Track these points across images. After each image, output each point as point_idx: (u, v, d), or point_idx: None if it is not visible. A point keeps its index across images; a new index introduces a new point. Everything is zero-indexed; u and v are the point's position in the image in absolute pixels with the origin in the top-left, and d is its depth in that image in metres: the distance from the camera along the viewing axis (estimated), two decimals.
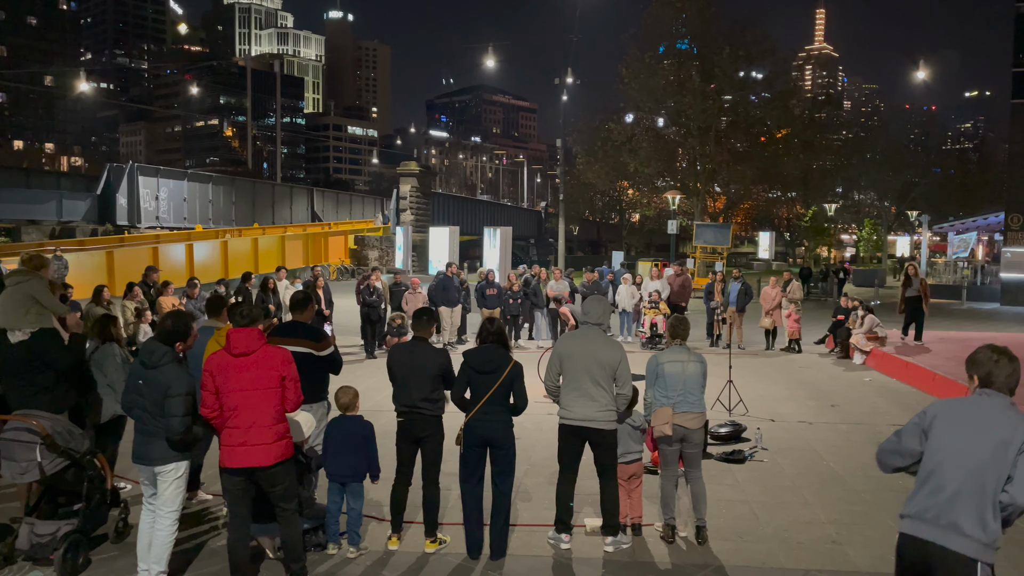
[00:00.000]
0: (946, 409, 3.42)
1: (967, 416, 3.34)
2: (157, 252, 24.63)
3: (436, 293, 15.67)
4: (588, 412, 5.46)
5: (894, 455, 3.49)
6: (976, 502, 3.18)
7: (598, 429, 5.48)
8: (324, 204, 48.66)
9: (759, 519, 6.30)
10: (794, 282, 16.48)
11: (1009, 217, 29.21)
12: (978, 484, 3.20)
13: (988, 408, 3.33)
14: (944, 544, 3.19)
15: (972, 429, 3.28)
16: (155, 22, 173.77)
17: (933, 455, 3.34)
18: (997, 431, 3.23)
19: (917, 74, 51.50)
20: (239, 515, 4.83)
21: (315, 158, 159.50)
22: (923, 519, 3.27)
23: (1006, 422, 3.25)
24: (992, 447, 3.21)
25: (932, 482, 3.30)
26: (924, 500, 3.29)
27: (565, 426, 5.59)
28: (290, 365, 4.74)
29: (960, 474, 3.23)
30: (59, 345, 5.97)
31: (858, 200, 70.25)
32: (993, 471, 3.19)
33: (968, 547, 3.16)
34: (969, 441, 3.26)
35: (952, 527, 3.19)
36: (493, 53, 45.34)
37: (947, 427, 3.34)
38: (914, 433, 3.43)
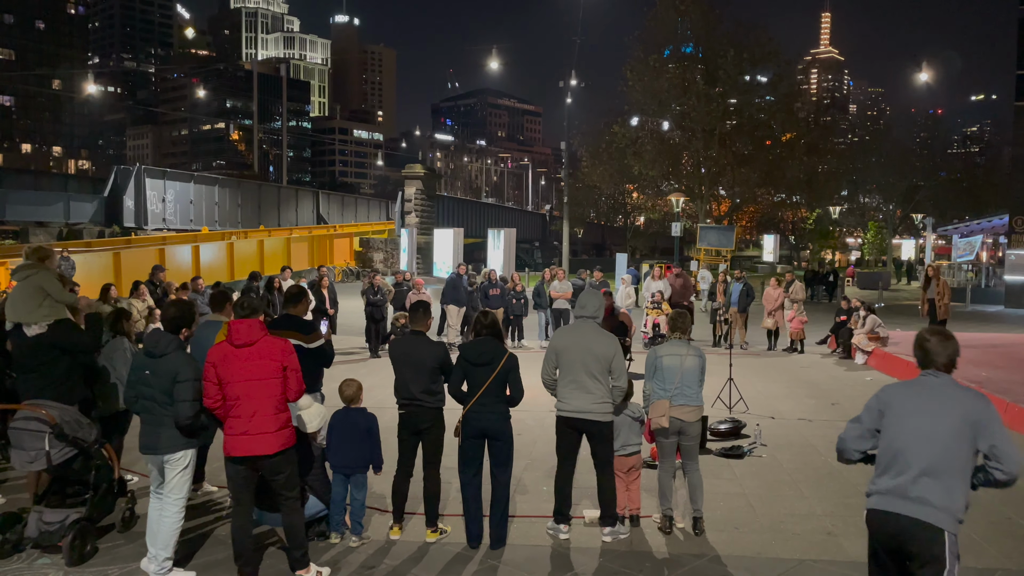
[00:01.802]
0: (900, 392, 3.64)
1: (923, 398, 3.54)
2: (164, 253, 24.81)
3: (446, 292, 15.83)
4: (584, 404, 5.55)
5: (860, 440, 3.67)
6: (944, 478, 3.38)
7: (594, 421, 5.57)
8: (329, 207, 48.83)
9: (755, 511, 6.38)
10: (796, 283, 16.56)
11: (1013, 220, 29.22)
12: (945, 461, 3.39)
13: (939, 388, 3.55)
14: (915, 516, 3.37)
15: (932, 410, 3.48)
16: (162, 26, 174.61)
17: (897, 438, 3.52)
18: (952, 410, 3.45)
19: (921, 76, 51.45)
20: (243, 503, 4.93)
21: (321, 161, 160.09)
22: (892, 494, 3.45)
23: (958, 401, 3.48)
24: (953, 425, 3.42)
25: (899, 463, 3.47)
26: (890, 479, 3.47)
27: (561, 418, 5.69)
28: (291, 355, 4.85)
29: (927, 453, 3.41)
30: (77, 331, 6.08)
31: (863, 203, 70.15)
32: (957, 447, 3.40)
33: (937, 517, 3.34)
34: (932, 422, 3.45)
35: (920, 500, 3.37)
36: (498, 56, 45.52)
37: (906, 411, 3.54)
38: (873, 416, 3.64)
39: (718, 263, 33.90)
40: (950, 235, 42.46)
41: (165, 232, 33.30)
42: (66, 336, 5.97)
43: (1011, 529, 6.08)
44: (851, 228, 73.58)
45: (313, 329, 6.19)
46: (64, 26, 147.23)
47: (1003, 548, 5.68)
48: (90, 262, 21.16)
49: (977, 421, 3.42)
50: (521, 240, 61.22)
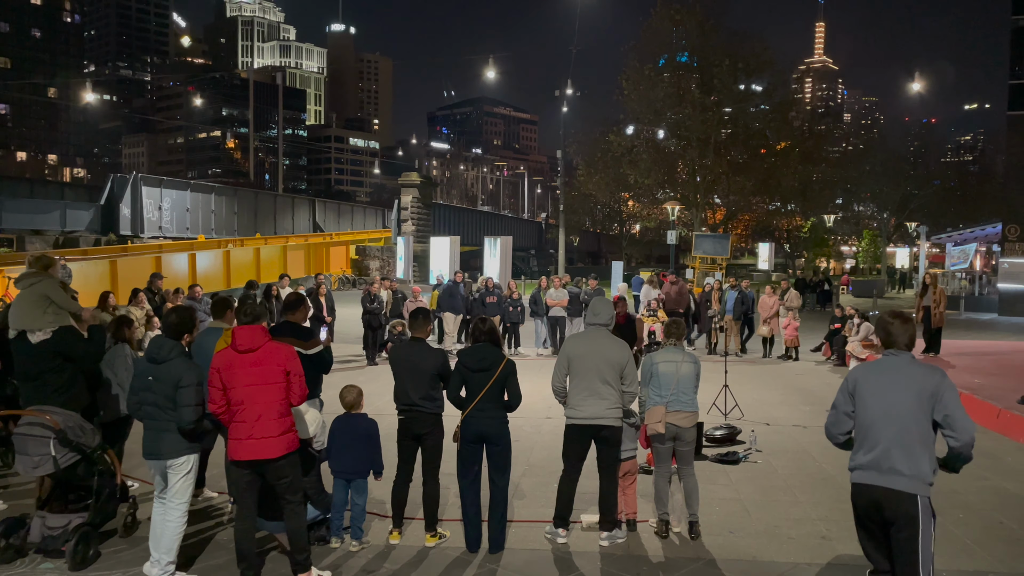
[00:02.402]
0: (865, 373, 4.06)
1: (886, 376, 3.94)
2: (160, 261, 24.83)
3: (442, 299, 15.89)
4: (597, 410, 5.63)
5: (837, 424, 4.10)
6: (908, 449, 3.80)
7: (607, 426, 5.66)
8: (326, 215, 48.91)
9: (751, 515, 6.46)
10: (791, 291, 16.68)
11: (1006, 228, 29.42)
12: (906, 434, 3.81)
13: (899, 365, 3.94)
14: (889, 486, 3.80)
15: (892, 389, 3.88)
16: (158, 34, 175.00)
17: (866, 415, 3.94)
18: (911, 386, 3.85)
19: (914, 86, 51.83)
20: (246, 507, 4.99)
21: (317, 169, 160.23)
22: (868, 468, 3.88)
23: (917, 376, 3.87)
24: (911, 400, 3.82)
25: (870, 439, 3.90)
26: (865, 455, 3.91)
27: (574, 426, 5.74)
28: (294, 360, 4.92)
29: (891, 428, 3.83)
30: (81, 339, 6.13)
31: (858, 212, 70.47)
32: (915, 420, 3.81)
33: (909, 485, 3.78)
34: (893, 400, 3.86)
35: (892, 471, 3.80)
36: (494, 65, 45.70)
37: (870, 389, 3.95)
38: (845, 399, 4.06)
39: (714, 271, 34.05)
40: (944, 243, 42.68)
41: (161, 240, 33.35)
42: (70, 345, 6.03)
43: (1002, 533, 6.17)
44: (846, 236, 73.89)
45: (311, 336, 6.26)
46: (60, 34, 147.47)
47: (994, 551, 5.76)
48: (86, 270, 21.17)
49: (934, 393, 3.79)
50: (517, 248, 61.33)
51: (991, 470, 7.95)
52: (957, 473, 4.00)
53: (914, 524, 3.74)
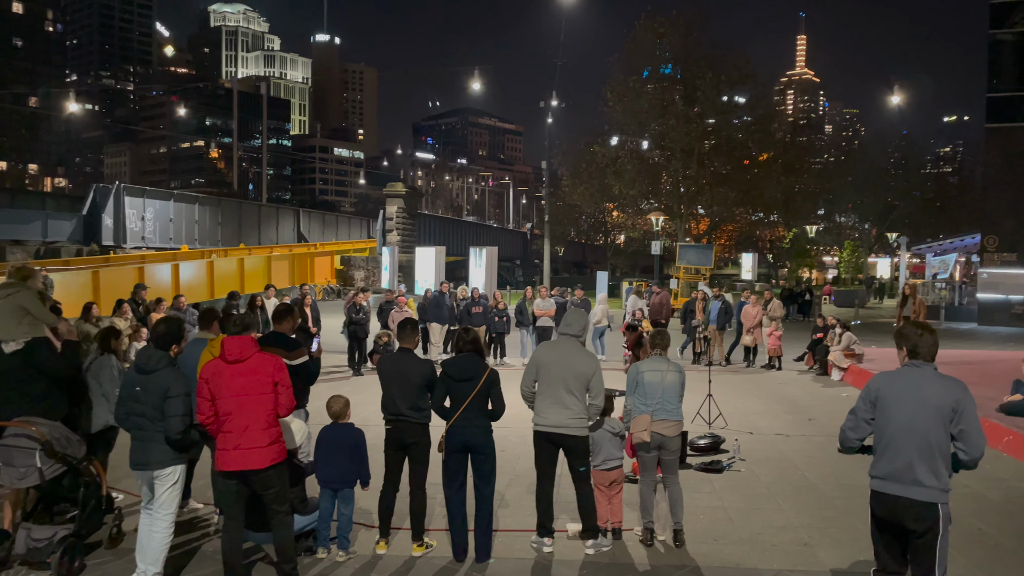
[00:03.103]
0: (888, 382, 4.07)
1: (907, 388, 3.98)
2: (143, 272, 24.68)
3: (428, 309, 15.91)
4: (561, 419, 5.69)
5: (856, 430, 4.17)
6: (929, 460, 3.89)
7: (570, 435, 5.71)
8: (310, 225, 48.79)
9: (734, 523, 6.53)
10: (774, 300, 16.84)
11: (985, 239, 29.82)
12: (927, 446, 3.90)
13: (921, 378, 4.01)
14: (911, 496, 3.91)
15: (914, 401, 3.95)
16: (141, 44, 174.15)
17: (887, 427, 4.02)
18: (934, 399, 3.92)
19: (893, 99, 52.53)
20: (233, 518, 5.00)
21: (301, 179, 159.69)
22: (891, 479, 3.98)
23: (939, 389, 3.95)
24: (933, 413, 3.90)
25: (891, 450, 4.00)
26: (887, 465, 4.00)
27: (539, 433, 5.82)
28: (282, 371, 4.95)
29: (914, 440, 3.92)
30: (54, 353, 6.12)
31: (840, 222, 71.12)
32: (936, 432, 3.90)
33: (930, 495, 3.90)
34: (914, 412, 3.94)
35: (914, 482, 3.91)
36: (479, 76, 45.86)
37: (892, 400, 4.01)
38: (866, 407, 4.13)
39: (697, 281, 34.25)
40: (924, 254, 43.18)
41: (144, 250, 33.14)
42: (40, 357, 6.02)
43: (981, 539, 6.27)
44: (828, 247, 74.55)
45: (297, 346, 6.28)
46: (42, 44, 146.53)
47: (973, 558, 5.86)
48: (68, 281, 21.02)
49: (955, 407, 3.89)
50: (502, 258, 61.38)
51: (971, 477, 8.04)
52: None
53: (934, 531, 3.89)
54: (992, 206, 30.18)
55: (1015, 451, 8.91)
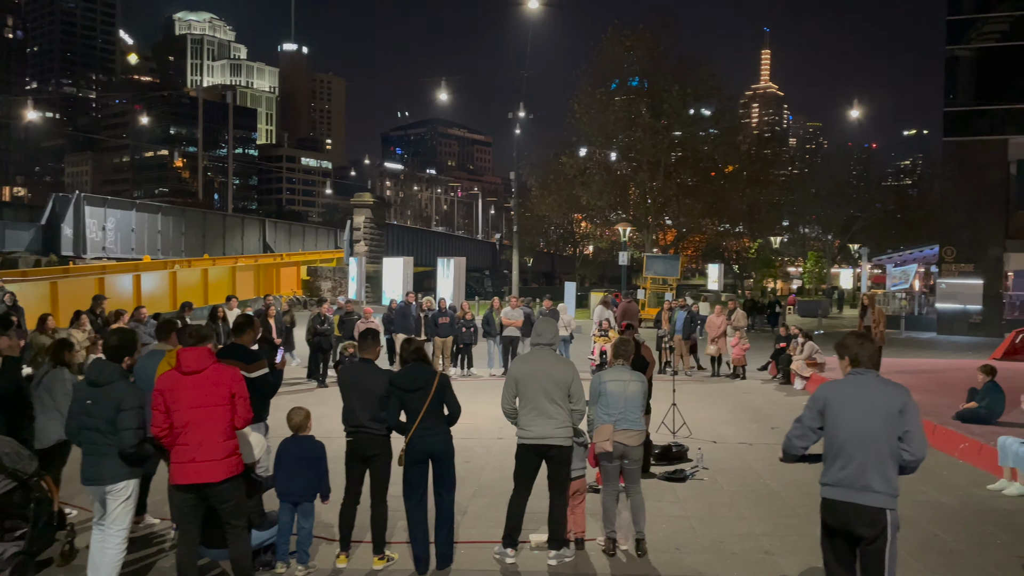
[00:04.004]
0: (835, 391, 4.14)
1: (854, 396, 4.06)
2: (103, 283, 24.24)
3: (395, 320, 15.82)
4: (546, 430, 5.68)
5: (801, 438, 4.23)
6: (879, 465, 3.96)
7: (556, 445, 5.71)
8: (276, 235, 48.31)
9: (696, 532, 6.56)
10: (738, 310, 17.01)
11: (943, 249, 30.50)
12: (877, 451, 3.97)
13: (868, 384, 4.09)
14: (861, 502, 3.96)
15: (863, 407, 4.02)
16: (104, 51, 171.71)
17: (838, 434, 4.06)
18: (882, 404, 4.01)
19: (852, 113, 53.65)
20: (188, 532, 4.90)
21: (268, 189, 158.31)
22: (840, 486, 4.02)
23: (885, 394, 4.04)
24: (881, 418, 3.98)
25: (842, 457, 4.03)
26: (838, 472, 4.04)
27: (525, 445, 5.79)
28: (239, 383, 4.87)
29: (862, 447, 3.98)
30: None
31: (803, 233, 72.24)
32: (886, 438, 3.98)
33: (880, 500, 3.95)
34: (863, 418, 4.01)
35: (865, 487, 3.96)
36: (446, 87, 45.98)
37: (841, 408, 4.07)
38: (813, 416, 4.18)
39: (664, 291, 34.52)
40: (885, 264, 44.00)
41: (105, 261, 32.51)
42: None
43: (937, 545, 6.37)
44: (792, 258, 75.68)
45: (257, 359, 6.20)
46: (2, 51, 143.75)
47: (929, 564, 5.95)
48: (26, 292, 20.53)
49: (900, 411, 3.97)
50: (472, 269, 61.25)
51: (927, 484, 8.20)
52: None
53: (883, 537, 3.94)
54: (949, 218, 30.91)
55: (971, 458, 9.08)
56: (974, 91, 30.93)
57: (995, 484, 8.01)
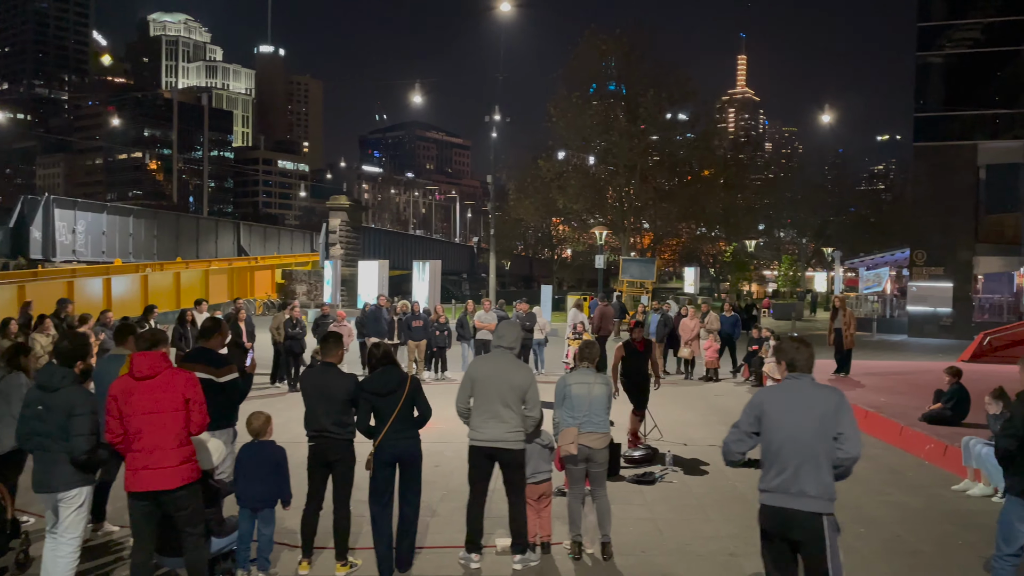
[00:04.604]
0: (770, 397, 4.15)
1: (790, 401, 4.07)
2: (73, 286, 23.86)
3: (367, 324, 15.69)
4: (498, 433, 5.64)
5: (739, 443, 4.21)
6: (814, 470, 3.94)
7: (507, 449, 5.66)
8: (251, 238, 47.91)
9: (663, 535, 6.55)
10: (711, 313, 17.10)
11: (914, 253, 30.89)
12: (812, 455, 3.95)
13: (802, 388, 4.10)
14: (797, 507, 3.94)
15: (797, 412, 4.01)
16: (77, 52, 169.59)
17: (774, 438, 4.05)
18: (814, 407, 4.00)
19: (824, 118, 54.23)
20: (142, 540, 4.80)
21: (244, 192, 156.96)
22: (777, 491, 4.00)
23: (818, 397, 4.05)
24: (815, 422, 3.97)
25: (778, 462, 4.02)
26: (775, 477, 4.02)
27: (475, 447, 5.75)
28: (195, 387, 4.77)
29: (797, 451, 3.96)
30: None
31: (779, 237, 72.96)
32: (820, 441, 3.96)
33: (815, 505, 3.92)
34: (798, 423, 3.99)
35: (800, 493, 3.93)
36: (425, 90, 45.91)
37: (777, 413, 4.07)
38: (749, 421, 4.17)
39: (640, 294, 34.63)
40: (858, 267, 44.47)
41: (75, 264, 32.06)
42: None
43: (901, 546, 6.41)
44: (767, 261, 76.37)
45: (225, 363, 6.10)
46: None
47: (894, 565, 5.98)
48: None
49: (834, 412, 3.97)
50: (449, 272, 61.11)
51: (893, 485, 8.26)
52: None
53: (821, 541, 3.90)
54: (920, 222, 31.29)
55: (936, 459, 9.16)
56: (944, 97, 31.40)
57: (959, 485, 8.08)
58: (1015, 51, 30.16)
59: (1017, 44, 30.05)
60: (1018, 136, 29.78)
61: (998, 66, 30.76)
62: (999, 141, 30.20)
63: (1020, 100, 30.56)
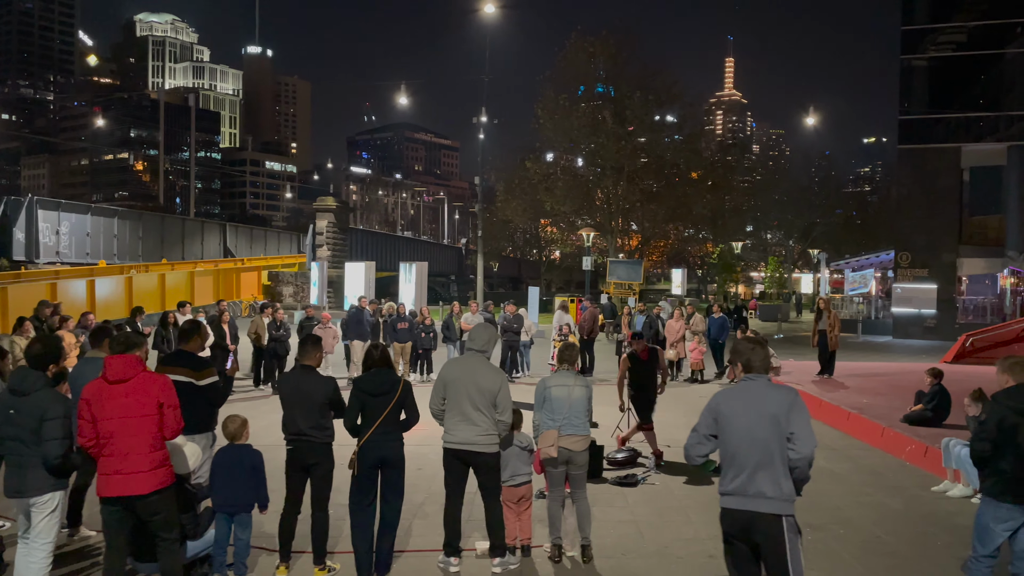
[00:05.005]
0: (727, 399, 4.13)
1: (745, 401, 4.06)
2: (56, 288, 23.64)
3: (349, 326, 15.63)
4: (469, 436, 5.62)
5: (698, 446, 4.18)
6: (770, 471, 3.92)
7: (479, 452, 5.65)
8: (238, 240, 47.69)
9: (644, 537, 6.55)
10: (696, 315, 17.14)
11: (899, 255, 31.08)
12: (768, 456, 3.94)
13: (756, 390, 4.08)
14: (755, 509, 3.93)
15: (751, 413, 4.00)
16: (62, 52, 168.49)
17: (730, 441, 4.05)
18: (769, 408, 3.98)
19: (808, 120, 54.54)
20: (115, 546, 4.75)
21: (231, 193, 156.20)
22: (736, 494, 3.99)
23: (772, 398, 4.02)
24: (769, 424, 3.95)
25: (735, 464, 4.01)
26: (732, 480, 4.02)
27: (448, 450, 5.74)
28: (169, 391, 4.73)
29: (753, 453, 3.95)
30: None
31: (766, 239, 73.26)
32: (775, 442, 3.94)
33: (773, 507, 3.90)
34: (753, 424, 3.98)
35: (758, 494, 3.92)
36: (412, 91, 45.82)
37: (732, 415, 4.06)
38: (708, 422, 4.16)
39: (628, 296, 34.68)
40: (844, 269, 44.70)
41: (59, 266, 31.81)
42: None
43: (879, 547, 6.43)
44: (754, 263, 76.67)
45: (205, 366, 6.07)
46: None
47: (870, 566, 6.00)
48: None
49: (786, 412, 3.94)
50: (438, 273, 60.98)
51: (874, 486, 8.30)
52: (799, 495, 4.06)
53: (781, 543, 3.87)
54: (905, 224, 31.50)
55: (917, 460, 9.20)
56: (928, 100, 31.61)
57: (939, 486, 8.12)
58: (998, 54, 30.44)
59: (1000, 47, 30.32)
60: (1001, 139, 30.05)
61: (981, 69, 31.04)
62: (982, 144, 30.45)
63: (1003, 103, 30.87)
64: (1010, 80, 30.86)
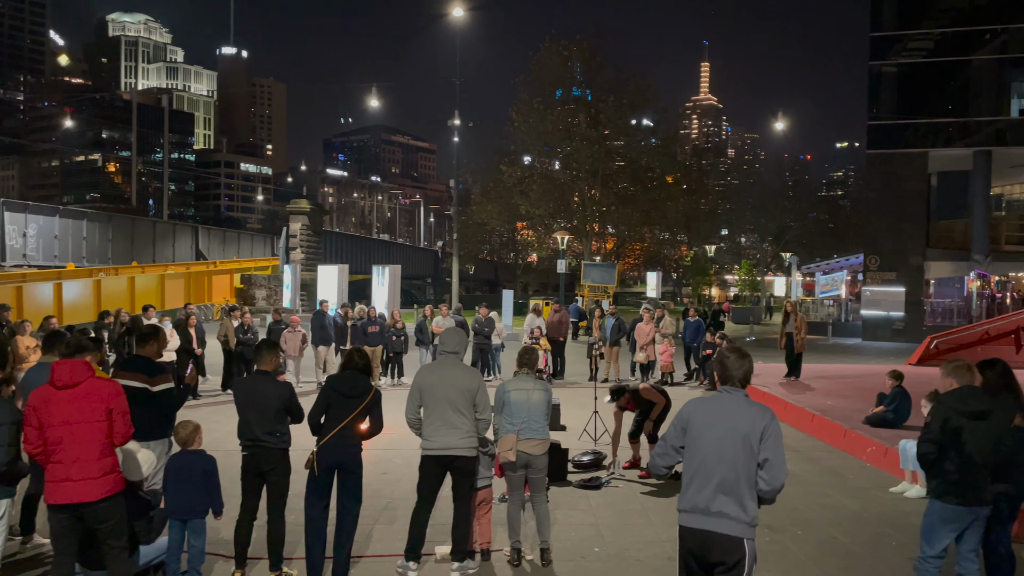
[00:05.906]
0: (698, 409, 3.91)
1: (717, 414, 3.81)
2: (22, 292, 23.27)
3: (313, 332, 15.55)
4: (451, 440, 5.63)
5: (664, 457, 3.96)
6: (735, 491, 3.67)
7: (460, 456, 5.66)
8: (210, 242, 47.22)
9: (604, 539, 6.57)
10: (666, 317, 17.24)
11: (868, 258, 31.50)
12: (734, 475, 3.68)
13: (730, 404, 3.82)
14: (716, 530, 3.68)
15: (722, 428, 3.75)
16: (33, 52, 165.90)
17: (696, 455, 3.80)
18: (740, 426, 3.72)
19: (778, 125, 55.14)
20: (64, 554, 4.68)
21: (205, 195, 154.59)
22: (696, 511, 3.74)
23: (747, 416, 3.75)
24: (739, 441, 3.70)
25: (699, 478, 3.75)
26: (695, 496, 3.75)
27: (428, 457, 5.72)
28: (119, 397, 4.67)
29: (720, 470, 3.70)
30: None
31: (740, 242, 73.89)
32: (743, 462, 3.69)
33: (735, 528, 3.66)
34: (722, 440, 3.73)
35: (720, 515, 3.67)
36: (388, 93, 45.71)
37: (702, 428, 3.81)
38: (677, 432, 3.91)
39: (602, 299, 34.80)
40: (815, 272, 45.21)
41: (25, 269, 31.28)
42: None
43: (835, 548, 6.51)
44: (727, 266, 77.28)
45: (160, 371, 5.98)
46: None
47: (826, 567, 6.07)
48: None
49: (761, 434, 3.69)
50: (413, 276, 60.92)
51: (833, 487, 8.40)
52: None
53: (740, 567, 3.65)
54: (874, 227, 31.94)
55: (877, 461, 9.33)
56: (896, 105, 32.09)
57: (897, 487, 8.24)
58: (965, 61, 30.98)
59: (967, 54, 30.86)
60: (968, 144, 30.57)
61: (949, 76, 31.56)
62: (950, 149, 30.95)
63: (970, 109, 31.42)
64: (977, 86, 31.43)
